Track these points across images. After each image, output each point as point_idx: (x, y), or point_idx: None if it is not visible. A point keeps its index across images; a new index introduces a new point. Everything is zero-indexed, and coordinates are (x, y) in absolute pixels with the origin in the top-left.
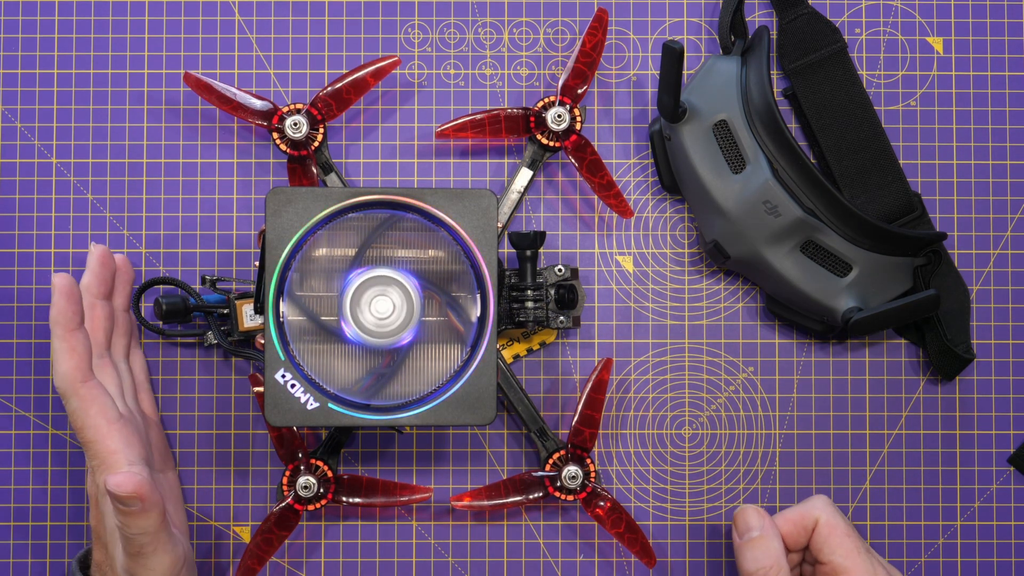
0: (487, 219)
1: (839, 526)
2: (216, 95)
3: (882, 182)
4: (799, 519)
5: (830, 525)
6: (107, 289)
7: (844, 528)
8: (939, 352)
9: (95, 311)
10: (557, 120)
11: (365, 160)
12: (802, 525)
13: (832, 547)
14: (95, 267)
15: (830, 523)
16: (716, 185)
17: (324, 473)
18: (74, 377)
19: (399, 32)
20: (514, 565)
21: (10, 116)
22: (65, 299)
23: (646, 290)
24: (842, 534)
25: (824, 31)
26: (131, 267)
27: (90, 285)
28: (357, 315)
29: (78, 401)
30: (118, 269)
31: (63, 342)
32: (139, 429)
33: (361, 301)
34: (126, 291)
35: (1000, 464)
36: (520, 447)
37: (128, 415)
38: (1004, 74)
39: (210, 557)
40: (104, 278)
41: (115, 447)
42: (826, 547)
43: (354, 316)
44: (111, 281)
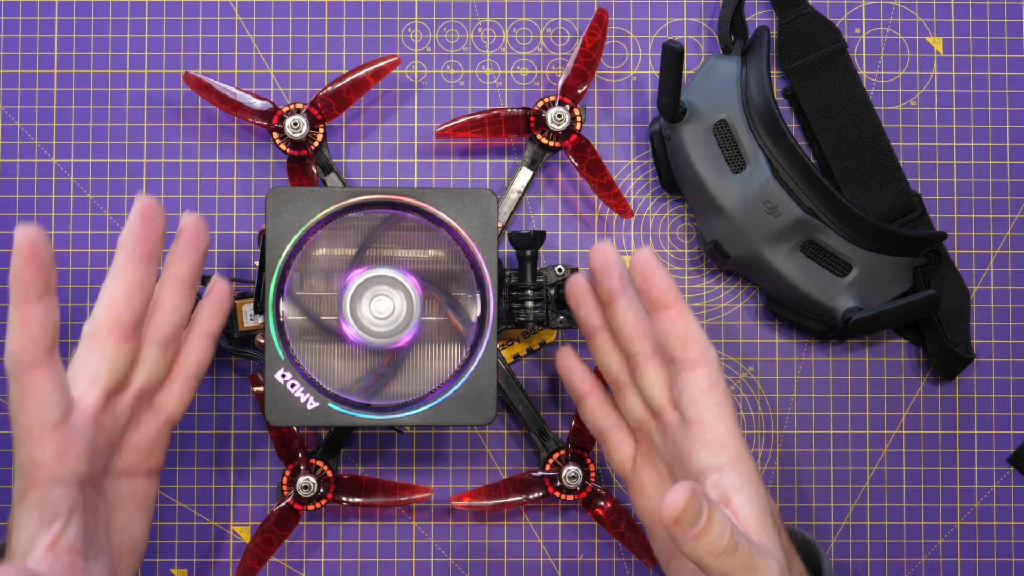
0: (487, 219)
1: (722, 384)
2: (216, 95)
3: (882, 182)
4: (682, 332)
5: (712, 379)
6: (148, 249)
7: (726, 388)
8: (939, 352)
9: (125, 274)
10: (557, 120)
11: (365, 160)
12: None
13: (708, 404)
14: (135, 222)
15: (713, 376)
16: (716, 185)
17: (324, 473)
18: (20, 358)
19: (399, 32)
20: (514, 565)
21: (10, 116)
22: (24, 260)
23: None
24: (723, 394)
25: (824, 31)
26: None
27: (125, 241)
28: (357, 315)
29: (18, 388)
30: (183, 230)
31: (16, 312)
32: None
33: (361, 301)
34: (189, 261)
35: (1000, 464)
36: (520, 447)
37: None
38: (1004, 74)
39: (210, 557)
40: (145, 235)
41: (42, 458)
42: (702, 402)
43: (354, 316)
44: (155, 240)
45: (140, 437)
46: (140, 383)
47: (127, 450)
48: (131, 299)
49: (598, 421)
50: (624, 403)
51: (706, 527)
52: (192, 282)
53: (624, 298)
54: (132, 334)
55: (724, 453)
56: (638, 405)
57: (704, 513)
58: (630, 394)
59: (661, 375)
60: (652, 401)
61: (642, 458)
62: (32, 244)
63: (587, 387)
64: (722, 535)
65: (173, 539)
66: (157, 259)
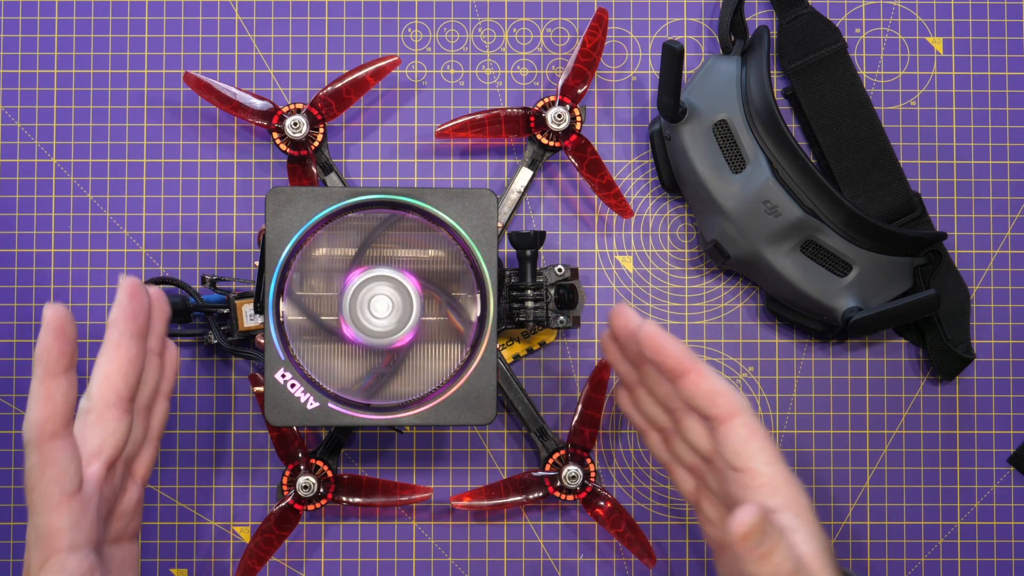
0: (487, 219)
1: (760, 429)
2: (216, 95)
3: (882, 182)
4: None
5: (750, 427)
6: (139, 326)
7: (765, 432)
8: (939, 352)
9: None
10: (557, 120)
11: (365, 160)
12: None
13: (752, 451)
14: (124, 301)
15: (751, 424)
16: (716, 185)
17: (324, 473)
18: (42, 429)
19: (399, 32)
20: (514, 565)
21: (10, 116)
22: (53, 336)
23: (646, 290)
24: (764, 438)
25: (824, 31)
26: (165, 302)
27: (117, 319)
28: (357, 315)
29: (38, 458)
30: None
31: (41, 385)
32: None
33: (361, 301)
34: (158, 331)
35: (1000, 464)
36: (520, 447)
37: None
38: (1004, 74)
39: (210, 557)
40: (134, 312)
41: (59, 526)
42: (745, 451)
43: (354, 316)
44: (144, 317)
45: (126, 504)
46: (128, 452)
47: (117, 517)
48: (127, 375)
49: (661, 455)
50: (675, 449)
51: (772, 548)
52: (160, 350)
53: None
54: (129, 408)
55: (778, 495)
56: (688, 452)
57: (771, 534)
58: (678, 441)
59: (702, 428)
60: (699, 450)
61: (703, 494)
62: (60, 322)
63: (647, 425)
64: (786, 559)
65: (173, 539)
66: (146, 334)
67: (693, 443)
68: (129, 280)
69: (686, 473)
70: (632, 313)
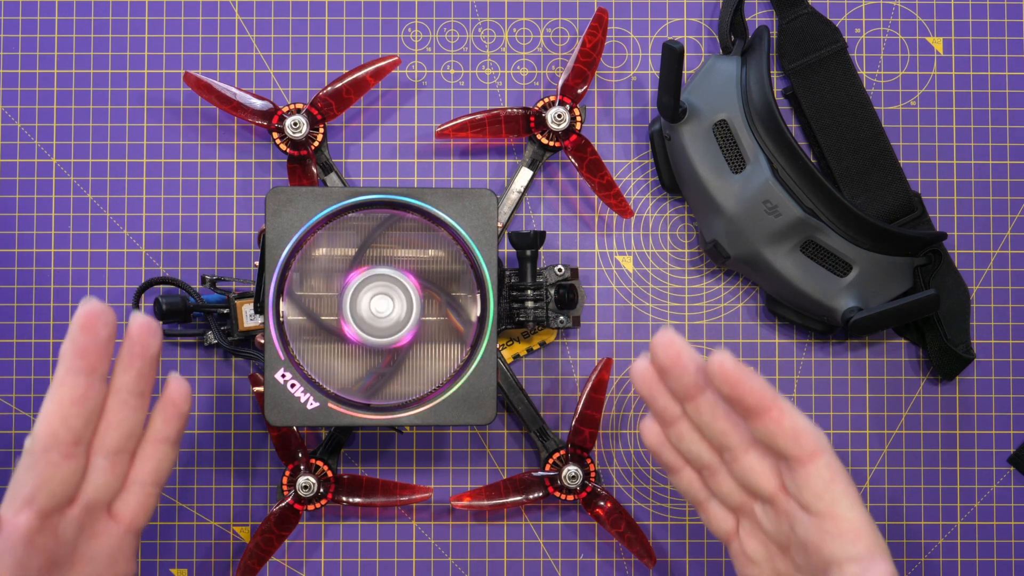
0: (487, 219)
1: (843, 470)
2: (216, 95)
3: (882, 182)
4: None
5: (833, 469)
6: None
7: (847, 474)
8: (939, 352)
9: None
10: (557, 120)
11: (365, 160)
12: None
13: (836, 495)
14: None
15: (834, 466)
16: (716, 185)
17: (324, 473)
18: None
19: (399, 32)
20: (514, 565)
21: (10, 116)
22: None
23: (646, 290)
24: (847, 481)
25: (824, 31)
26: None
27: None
28: (357, 315)
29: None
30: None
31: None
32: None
33: (361, 301)
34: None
35: (1000, 464)
36: (520, 447)
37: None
38: (1004, 74)
39: (210, 557)
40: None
41: None
42: (828, 494)
43: (354, 316)
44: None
45: (97, 549)
46: (88, 498)
47: (84, 562)
48: (67, 415)
49: (696, 494)
50: (719, 487)
51: None
52: (140, 390)
53: (706, 395)
54: (71, 451)
55: (861, 543)
56: (736, 490)
57: None
58: (724, 479)
59: (765, 465)
60: (759, 490)
61: (747, 533)
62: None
63: (681, 462)
64: None
65: (173, 539)
66: (100, 371)
67: (752, 483)
68: (87, 308)
69: (724, 511)
70: (683, 342)
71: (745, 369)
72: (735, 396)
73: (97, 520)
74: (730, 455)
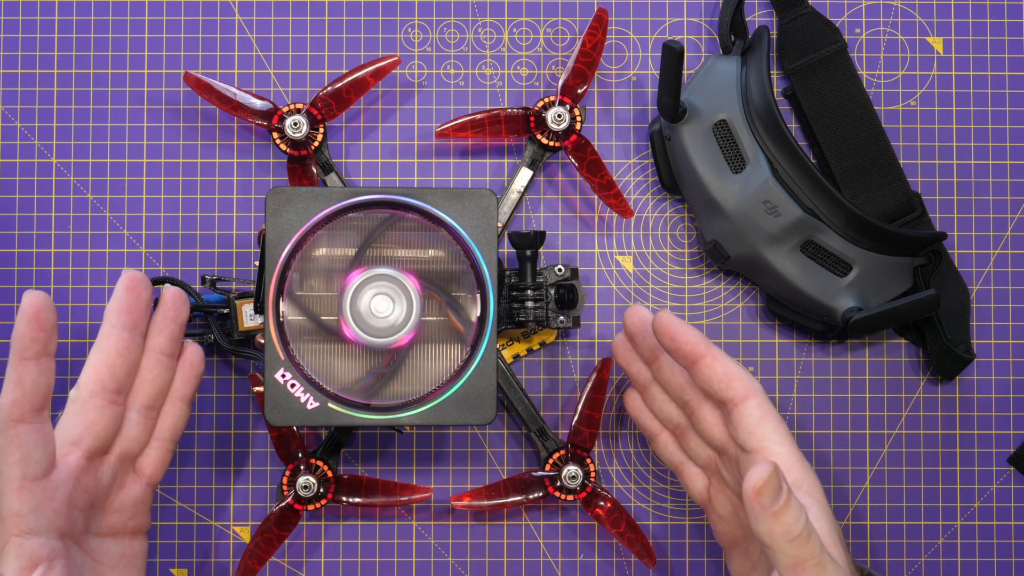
0: (487, 219)
1: (773, 410)
2: (216, 95)
3: (882, 182)
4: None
5: (763, 408)
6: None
7: (777, 414)
8: (939, 352)
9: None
10: (557, 120)
11: (365, 160)
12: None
13: (765, 432)
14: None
15: (763, 406)
16: (716, 185)
17: (324, 473)
18: (9, 413)
19: (399, 32)
20: (514, 565)
21: (10, 116)
22: (26, 321)
23: (646, 290)
24: (776, 419)
25: (824, 31)
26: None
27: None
28: (357, 315)
29: (3, 441)
30: (163, 301)
31: (13, 369)
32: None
33: (361, 301)
34: (168, 331)
35: (1000, 464)
36: (520, 447)
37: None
38: (1004, 74)
39: (210, 557)
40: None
41: (20, 509)
42: (758, 431)
43: (354, 316)
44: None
45: (124, 499)
46: (122, 447)
47: (112, 511)
48: (113, 366)
49: (672, 457)
50: (689, 445)
51: (784, 506)
52: (171, 351)
53: (664, 355)
54: (114, 399)
55: (790, 474)
56: (701, 446)
57: (784, 492)
58: (692, 437)
59: (716, 416)
60: (713, 441)
61: (715, 489)
62: (36, 308)
63: (657, 427)
64: (797, 520)
65: (173, 539)
66: (140, 328)
67: (707, 433)
68: (130, 273)
69: (698, 472)
70: (646, 311)
71: (682, 323)
72: (674, 347)
73: (127, 472)
74: (689, 410)
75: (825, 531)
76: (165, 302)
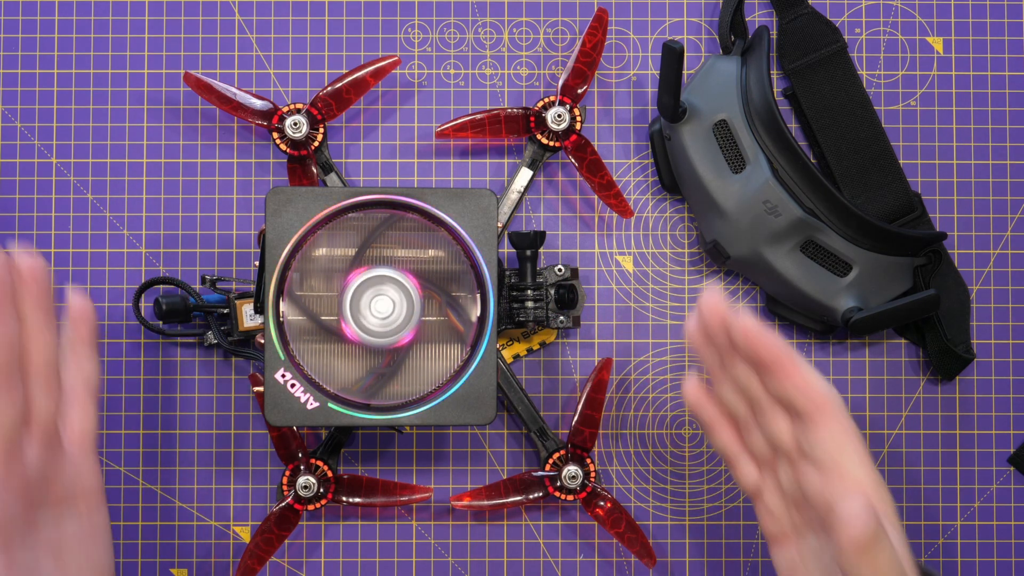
0: (487, 219)
1: (853, 428)
2: (216, 95)
3: (882, 182)
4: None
5: (844, 426)
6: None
7: (857, 431)
8: (939, 352)
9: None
10: (557, 120)
11: (365, 160)
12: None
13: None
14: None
15: (844, 423)
16: (716, 185)
17: (324, 473)
18: None
19: (399, 32)
20: (514, 565)
21: (10, 116)
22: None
23: (646, 290)
24: (856, 439)
25: (824, 31)
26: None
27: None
28: (357, 315)
29: None
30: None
31: None
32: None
33: (361, 301)
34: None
35: (1000, 464)
36: (520, 447)
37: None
38: (1004, 74)
39: (210, 557)
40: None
41: None
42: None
43: (354, 316)
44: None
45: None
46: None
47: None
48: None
49: (728, 447)
50: (750, 439)
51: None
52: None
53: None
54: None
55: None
56: (762, 443)
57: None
58: (755, 432)
59: (787, 422)
60: (779, 444)
61: (768, 488)
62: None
63: (717, 417)
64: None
65: (173, 539)
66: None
67: (775, 436)
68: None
69: (752, 467)
70: (723, 299)
71: (763, 328)
72: (752, 351)
73: (54, 444)
74: (759, 409)
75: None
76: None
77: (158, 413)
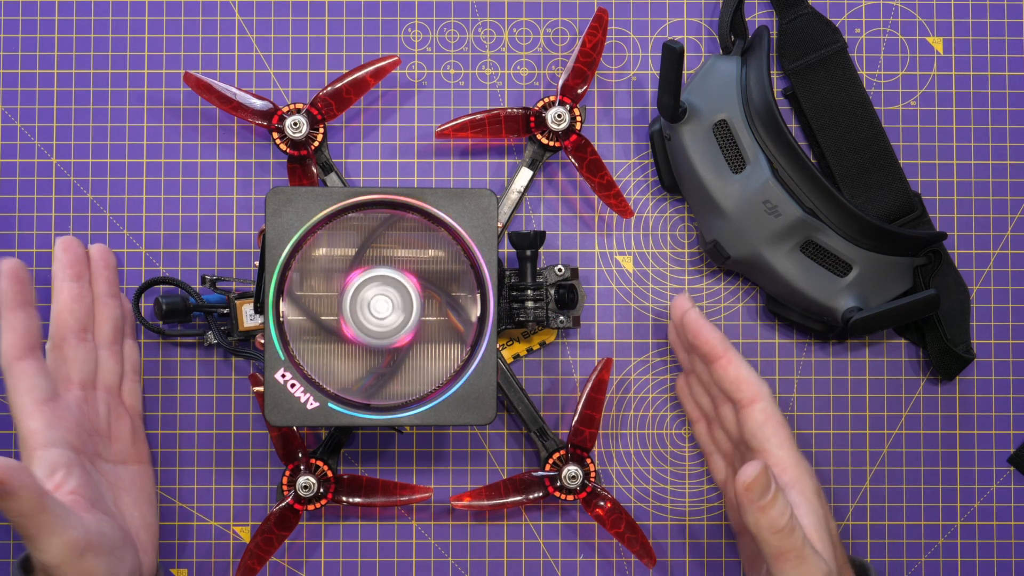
0: (487, 219)
1: (777, 415)
2: (216, 95)
3: (882, 182)
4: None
5: (767, 412)
6: (75, 271)
7: (781, 418)
8: (939, 352)
9: (62, 294)
10: (557, 120)
11: (365, 160)
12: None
13: (766, 434)
14: (57, 253)
15: (768, 410)
16: (716, 185)
17: (324, 473)
18: (9, 354)
19: (399, 32)
20: (514, 565)
21: (10, 116)
22: (8, 280)
23: (646, 290)
24: (778, 423)
25: (824, 31)
26: (108, 254)
27: (56, 270)
28: (357, 315)
29: (10, 379)
30: (92, 256)
31: (4, 320)
32: (73, 416)
33: (361, 301)
34: (105, 276)
35: (1000, 464)
36: (520, 447)
37: (73, 398)
38: (1004, 74)
39: (210, 557)
40: (69, 261)
41: (35, 427)
42: (760, 433)
43: (354, 316)
44: (80, 264)
45: (121, 429)
46: (104, 381)
47: (114, 440)
48: (73, 311)
49: (704, 443)
50: (715, 436)
51: (771, 501)
52: (113, 292)
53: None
54: (83, 336)
55: (785, 475)
56: (724, 438)
57: (772, 489)
58: (717, 428)
59: (733, 413)
60: (730, 435)
61: (730, 479)
62: (14, 269)
63: (697, 414)
64: (782, 515)
65: (173, 539)
66: (84, 277)
67: (726, 428)
68: (62, 238)
69: (721, 461)
70: (687, 301)
71: (706, 323)
72: (696, 344)
73: (117, 404)
74: (715, 404)
75: (811, 527)
76: (94, 258)
77: (158, 413)
